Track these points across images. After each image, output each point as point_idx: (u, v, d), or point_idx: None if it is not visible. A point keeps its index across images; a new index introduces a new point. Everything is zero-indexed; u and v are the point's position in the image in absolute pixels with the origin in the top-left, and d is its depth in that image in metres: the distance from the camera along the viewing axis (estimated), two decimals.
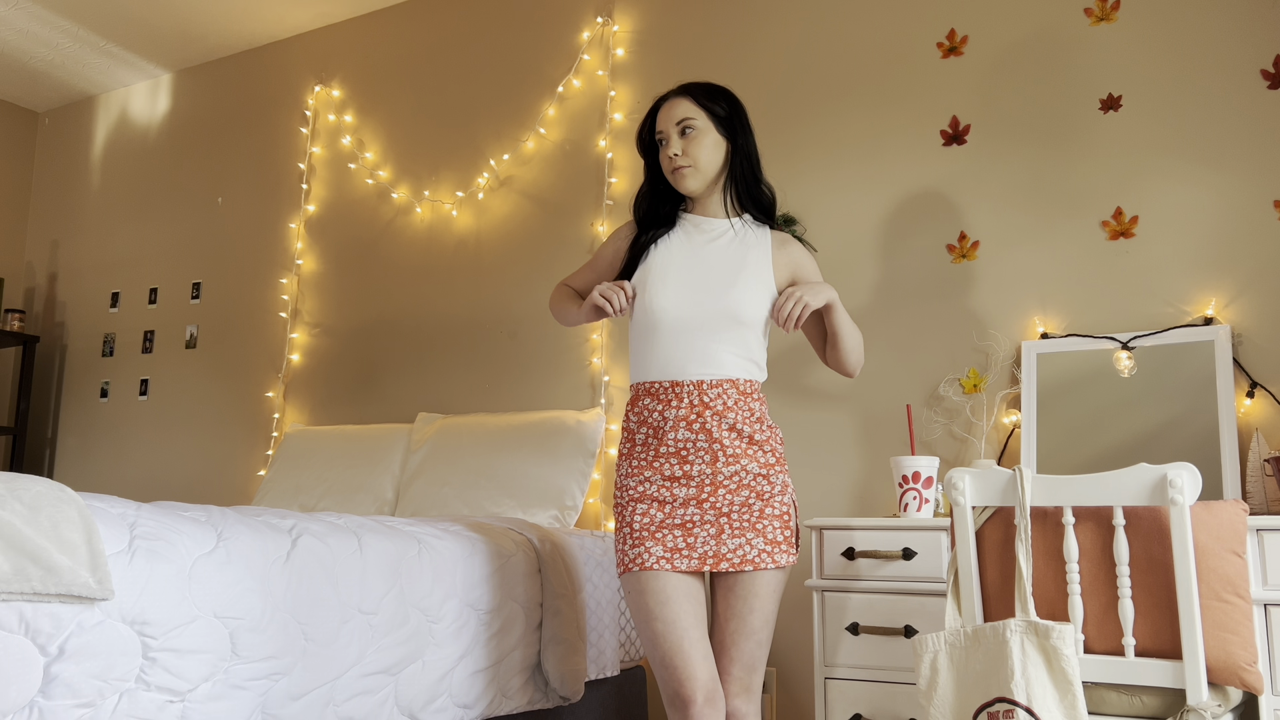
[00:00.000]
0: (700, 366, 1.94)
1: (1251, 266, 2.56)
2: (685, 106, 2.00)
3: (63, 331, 4.97)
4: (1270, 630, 1.99)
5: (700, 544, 1.88)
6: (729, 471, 1.91)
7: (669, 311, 1.96)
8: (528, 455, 3.18)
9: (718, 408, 1.92)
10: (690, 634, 1.84)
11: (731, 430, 1.92)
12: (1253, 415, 2.49)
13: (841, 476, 2.96)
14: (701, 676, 1.82)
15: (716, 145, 2.01)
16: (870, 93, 3.11)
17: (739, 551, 1.88)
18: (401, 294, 3.95)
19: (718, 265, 1.99)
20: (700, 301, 1.95)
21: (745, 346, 1.97)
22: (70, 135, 5.20)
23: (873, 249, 3.03)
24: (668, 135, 2.00)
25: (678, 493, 1.91)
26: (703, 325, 1.95)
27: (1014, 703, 1.72)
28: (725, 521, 1.89)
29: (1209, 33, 2.68)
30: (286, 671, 1.80)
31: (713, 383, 1.93)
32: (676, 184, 2.01)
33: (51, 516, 1.47)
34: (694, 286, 1.97)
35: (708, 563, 1.88)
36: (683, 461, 1.92)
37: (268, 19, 4.36)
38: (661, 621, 1.84)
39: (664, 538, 1.89)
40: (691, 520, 1.90)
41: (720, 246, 2.02)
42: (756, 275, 1.99)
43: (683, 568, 1.87)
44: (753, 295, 1.98)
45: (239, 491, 4.15)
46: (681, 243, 2.03)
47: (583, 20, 3.72)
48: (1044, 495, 1.82)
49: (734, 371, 1.95)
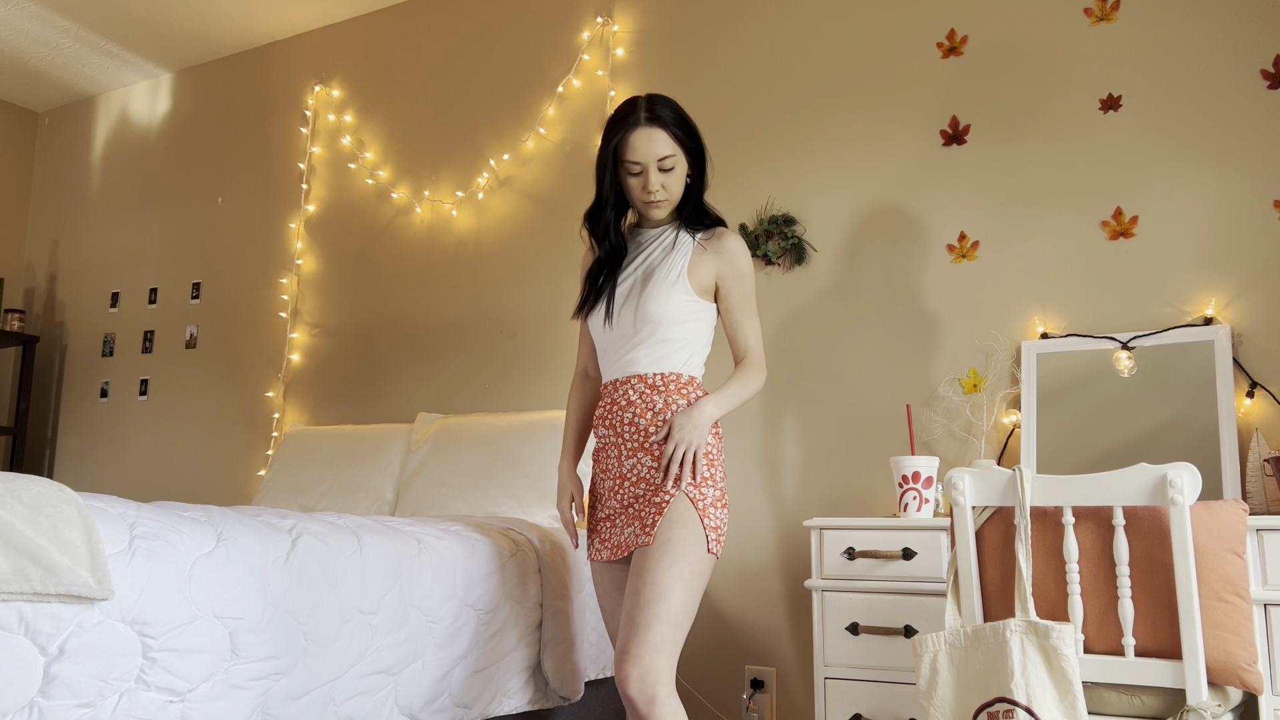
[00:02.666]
0: (617, 368, 2.06)
1: (1251, 266, 2.56)
2: (664, 142, 2.00)
3: (63, 331, 4.97)
4: (1270, 630, 1.99)
5: (611, 536, 2.03)
6: (629, 465, 2.01)
7: (596, 329, 2.10)
8: (528, 455, 3.18)
9: (622, 403, 2.02)
10: (618, 619, 2.05)
11: (630, 425, 2.01)
12: (1253, 415, 2.49)
13: (841, 476, 2.96)
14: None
15: (683, 174, 2.06)
16: (870, 93, 3.11)
17: (630, 538, 1.97)
18: (401, 294, 3.95)
19: (631, 276, 2.07)
20: (612, 315, 2.06)
21: (661, 344, 2.02)
22: (70, 135, 5.20)
23: (873, 249, 3.03)
24: (647, 169, 2.01)
25: (604, 486, 2.07)
26: (618, 335, 2.06)
27: (1014, 703, 1.72)
28: (629, 512, 1.99)
29: (1209, 33, 2.68)
30: (286, 671, 1.80)
31: (623, 379, 2.04)
32: (647, 213, 2.08)
33: (51, 516, 1.47)
34: (610, 303, 2.06)
35: (618, 552, 2.00)
36: (606, 456, 2.06)
37: (268, 19, 4.36)
38: (603, 609, 2.10)
39: (600, 530, 2.07)
40: (612, 513, 2.04)
41: (648, 252, 2.09)
42: (664, 278, 2.03)
43: (604, 558, 2.04)
44: (655, 299, 2.01)
45: (239, 491, 4.15)
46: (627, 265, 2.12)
47: (583, 20, 3.72)
48: (1044, 495, 1.82)
49: (643, 367, 2.02)
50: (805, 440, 3.03)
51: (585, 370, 2.25)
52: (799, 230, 3.13)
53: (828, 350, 3.05)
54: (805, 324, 3.11)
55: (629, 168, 2.03)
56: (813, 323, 3.09)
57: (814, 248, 3.13)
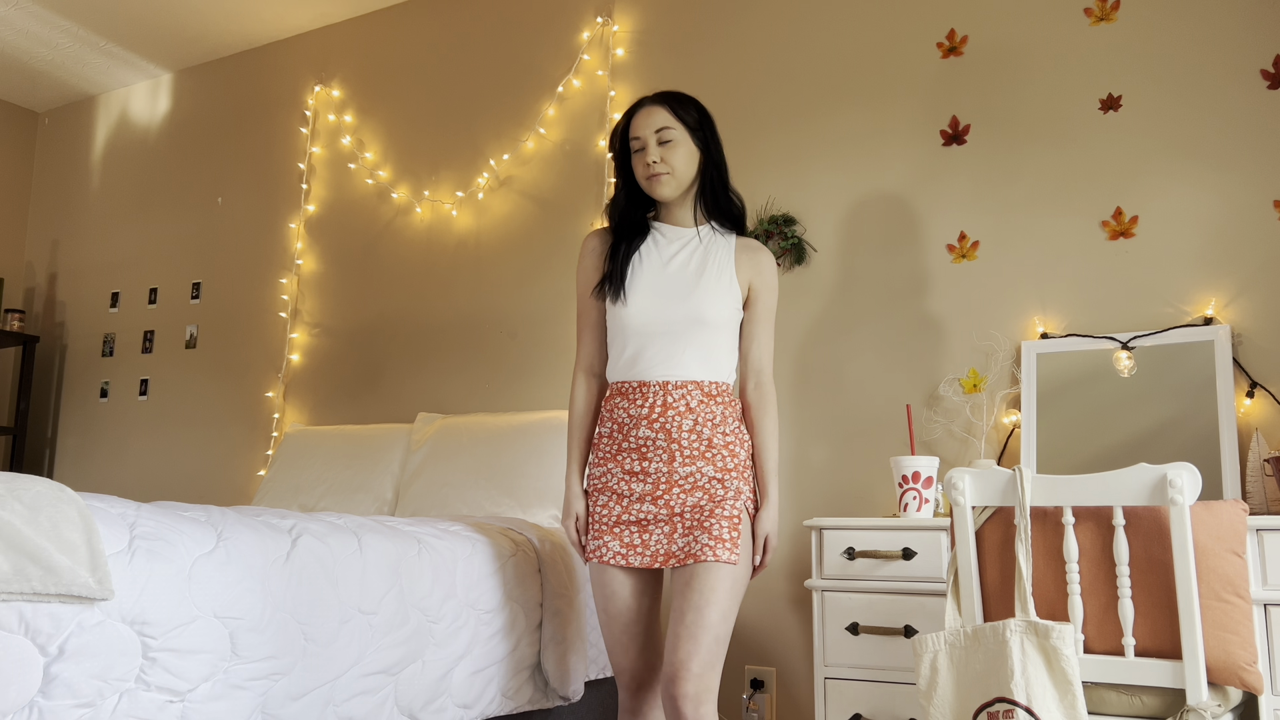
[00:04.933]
0: (665, 369, 1.99)
1: (1251, 266, 2.56)
2: (662, 115, 2.02)
3: (63, 331, 4.97)
4: (1270, 630, 1.99)
5: (654, 542, 1.95)
6: (685, 472, 1.95)
7: (636, 317, 2.01)
8: (528, 455, 3.18)
9: (680, 409, 1.97)
10: (631, 629, 1.99)
11: (691, 432, 1.96)
12: (1253, 415, 2.49)
13: (841, 476, 2.96)
14: (631, 669, 2.00)
15: (691, 155, 2.04)
16: (870, 93, 3.12)
17: (688, 549, 1.92)
18: (401, 294, 3.95)
19: (682, 271, 2.04)
20: (664, 306, 2.00)
21: (710, 350, 2.01)
22: (70, 135, 5.20)
23: (873, 249, 3.03)
24: (646, 142, 2.02)
25: (634, 487, 1.97)
26: (668, 329, 2.00)
27: (1014, 703, 1.72)
28: (679, 520, 1.94)
29: (1209, 33, 2.68)
30: (286, 671, 1.80)
31: (678, 384, 1.98)
32: (652, 190, 2.04)
33: (51, 516, 1.47)
34: (659, 292, 2.02)
35: (658, 560, 1.94)
36: (642, 458, 1.98)
37: (268, 19, 4.36)
38: (606, 614, 2.01)
39: (621, 533, 1.98)
40: (647, 517, 1.96)
41: (686, 253, 2.06)
42: (719, 279, 2.03)
43: (636, 564, 1.96)
44: (715, 298, 2.02)
45: (239, 491, 4.15)
46: (650, 250, 2.07)
47: (583, 20, 3.72)
48: (1044, 495, 1.82)
49: (698, 374, 1.99)
50: (805, 440, 3.03)
51: (591, 366, 2.13)
52: (799, 230, 3.14)
53: (828, 350, 3.05)
54: (805, 324, 3.11)
55: (633, 146, 2.04)
56: (813, 322, 3.09)
57: (814, 248, 3.13)
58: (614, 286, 2.04)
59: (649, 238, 2.09)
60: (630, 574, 1.99)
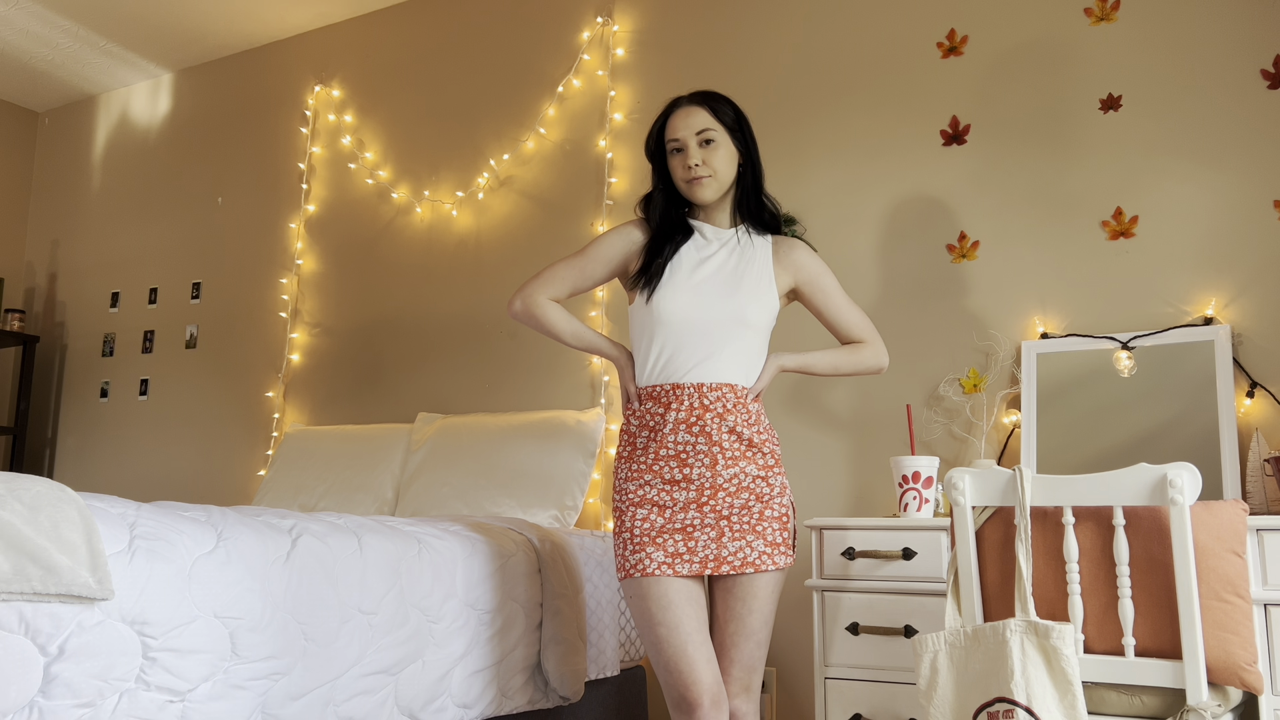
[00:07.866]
0: (701, 370, 1.95)
1: (1251, 266, 2.56)
2: (703, 116, 1.99)
3: (63, 331, 4.97)
4: (1270, 630, 1.99)
5: (701, 548, 1.89)
6: (728, 474, 1.91)
7: (674, 315, 1.96)
8: (528, 456, 3.18)
9: (718, 410, 1.93)
10: (694, 638, 1.85)
11: (731, 433, 1.93)
12: (1253, 415, 2.49)
13: (841, 476, 2.97)
14: (706, 680, 1.83)
15: (731, 157, 2.02)
16: (870, 93, 3.12)
17: (739, 554, 1.89)
18: (401, 294, 3.95)
19: (720, 272, 2.00)
20: (703, 306, 1.96)
21: (746, 352, 1.99)
22: (70, 135, 5.20)
23: (873, 249, 3.03)
24: (686, 144, 1.99)
25: (677, 496, 1.91)
26: (705, 330, 1.96)
27: (1014, 703, 1.72)
28: (725, 525, 1.90)
29: (1209, 33, 2.68)
30: (286, 671, 1.80)
31: (713, 385, 1.94)
32: (691, 193, 2.01)
33: (51, 516, 1.47)
34: (697, 292, 1.98)
35: (709, 566, 1.88)
36: (682, 465, 1.92)
37: (268, 19, 4.36)
38: (665, 626, 1.85)
39: (664, 543, 1.89)
40: (692, 524, 1.90)
41: (725, 253, 2.03)
42: (758, 280, 2.01)
43: (684, 572, 1.87)
44: (755, 300, 2.00)
45: (239, 491, 4.15)
46: (688, 250, 2.03)
47: (583, 20, 3.72)
48: (1044, 495, 1.82)
49: (733, 376, 1.96)
50: (805, 440, 3.03)
51: (556, 297, 2.06)
52: (799, 230, 3.13)
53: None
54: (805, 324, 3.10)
55: (669, 148, 2.01)
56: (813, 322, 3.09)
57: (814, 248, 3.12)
58: (652, 281, 1.98)
59: (691, 238, 2.05)
60: (679, 582, 1.88)
